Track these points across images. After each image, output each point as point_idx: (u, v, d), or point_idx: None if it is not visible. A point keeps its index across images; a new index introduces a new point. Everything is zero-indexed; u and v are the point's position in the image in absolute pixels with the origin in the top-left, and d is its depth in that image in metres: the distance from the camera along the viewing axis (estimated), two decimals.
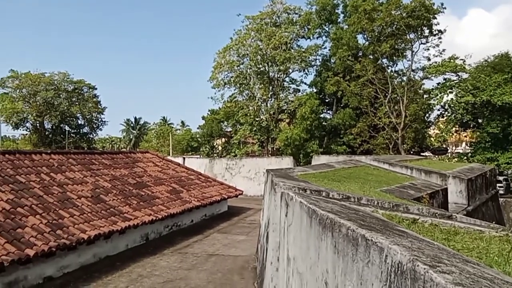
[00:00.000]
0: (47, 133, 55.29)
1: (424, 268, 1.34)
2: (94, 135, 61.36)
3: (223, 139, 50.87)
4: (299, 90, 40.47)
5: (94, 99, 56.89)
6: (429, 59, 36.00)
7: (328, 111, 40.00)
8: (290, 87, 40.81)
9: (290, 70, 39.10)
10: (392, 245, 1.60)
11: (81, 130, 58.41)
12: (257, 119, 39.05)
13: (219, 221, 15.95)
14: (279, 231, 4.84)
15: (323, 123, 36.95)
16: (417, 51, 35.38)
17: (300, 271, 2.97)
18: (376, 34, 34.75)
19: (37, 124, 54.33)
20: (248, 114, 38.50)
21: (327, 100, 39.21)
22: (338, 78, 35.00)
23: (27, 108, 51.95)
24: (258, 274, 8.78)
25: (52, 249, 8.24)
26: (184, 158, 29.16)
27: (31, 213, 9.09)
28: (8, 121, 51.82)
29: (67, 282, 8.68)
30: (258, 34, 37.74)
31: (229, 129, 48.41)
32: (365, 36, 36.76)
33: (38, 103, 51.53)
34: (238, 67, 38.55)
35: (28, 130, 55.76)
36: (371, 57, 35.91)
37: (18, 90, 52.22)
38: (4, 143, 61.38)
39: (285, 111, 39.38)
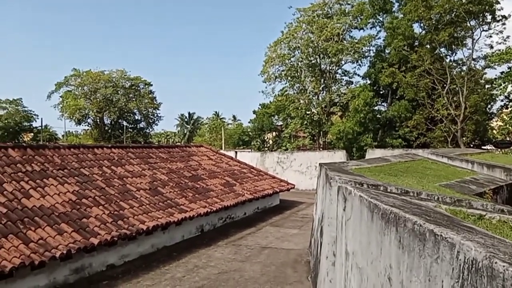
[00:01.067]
0: (106, 128, 57.97)
1: (503, 266, 1.27)
2: (150, 130, 63.56)
3: (274, 133, 50.92)
4: (352, 82, 39.63)
5: (150, 95, 58.87)
6: (491, 47, 33.88)
7: (383, 103, 38.86)
8: (343, 79, 40.05)
9: (343, 62, 38.34)
10: (465, 241, 1.53)
11: (138, 125, 60.70)
12: (308, 112, 38.69)
13: (271, 215, 16.03)
14: (336, 226, 4.78)
15: (377, 115, 35.94)
16: (478, 39, 33.41)
17: (360, 266, 2.92)
18: (434, 22, 33.20)
19: (98, 120, 57.08)
20: (299, 108, 38.23)
21: (381, 92, 38.08)
22: (393, 69, 33.87)
23: (88, 105, 54.65)
24: (312, 268, 8.74)
25: (114, 238, 8.66)
26: (236, 152, 29.52)
27: (94, 204, 9.59)
28: (71, 117, 54.84)
29: (128, 270, 9.09)
30: (310, 26, 37.28)
31: (280, 123, 48.33)
32: (421, 24, 35.22)
33: (98, 99, 54.08)
34: (289, 61, 38.32)
35: (89, 125, 58.73)
36: (428, 46, 34.36)
37: (80, 88, 55.07)
38: (68, 138, 65.14)
39: (337, 104, 38.71)
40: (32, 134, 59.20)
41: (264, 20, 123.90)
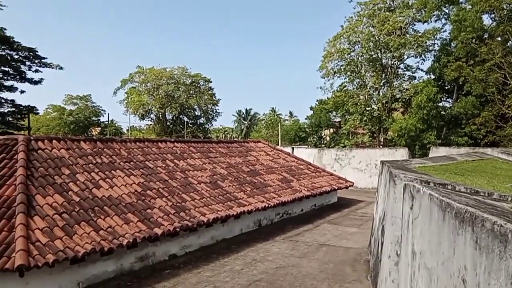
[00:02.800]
0: (168, 123, 60.11)
1: None
2: (209, 125, 65.14)
3: (331, 130, 50.17)
4: (414, 77, 38.03)
5: (210, 92, 60.27)
6: None
7: (448, 99, 36.98)
8: (405, 74, 38.53)
9: (405, 56, 36.88)
10: None
11: (197, 120, 62.43)
12: (368, 108, 37.67)
13: (329, 212, 15.85)
14: (401, 225, 4.64)
15: (442, 112, 34.26)
16: None
17: (429, 266, 2.82)
18: (506, 12, 31.05)
19: (160, 115, 59.34)
20: (359, 104, 37.33)
21: (446, 88, 36.23)
22: (460, 63, 32.08)
23: (151, 101, 56.93)
24: (372, 267, 8.55)
25: (176, 229, 8.97)
26: (292, 148, 29.47)
27: (158, 196, 9.99)
28: (135, 112, 57.46)
29: (189, 260, 9.39)
30: (371, 20, 36.23)
31: (338, 119, 47.51)
32: (492, 15, 33.08)
33: (160, 96, 56.17)
34: (349, 55, 37.48)
35: (152, 120, 61.25)
36: (499, 39, 32.18)
37: (143, 85, 57.50)
38: (132, 132, 68.29)
39: (399, 99, 37.35)
40: (99, 128, 62.72)
41: (323, 16, 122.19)
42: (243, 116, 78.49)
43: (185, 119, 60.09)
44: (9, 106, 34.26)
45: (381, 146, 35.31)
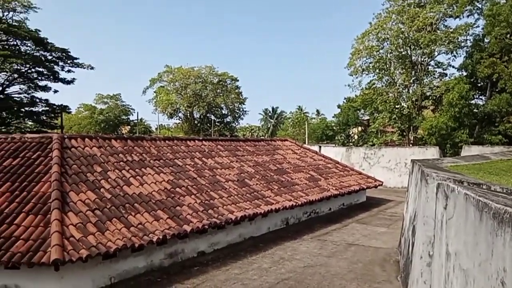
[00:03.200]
0: (195, 122, 60.76)
1: None
2: (236, 124, 65.47)
3: (359, 128, 49.54)
4: (446, 74, 37.06)
5: (236, 90, 60.57)
6: None
7: (480, 97, 35.90)
8: (436, 71, 37.59)
9: (436, 53, 35.97)
10: None
11: (224, 119, 62.84)
12: (397, 106, 36.99)
13: (357, 211, 15.67)
14: (433, 225, 4.54)
15: (474, 110, 33.29)
16: None
17: (465, 268, 2.75)
18: None
19: (188, 114, 60.04)
20: (388, 101, 36.67)
21: (479, 85, 35.15)
22: (493, 59, 31.06)
23: (179, 100, 57.67)
24: (402, 268, 8.41)
25: (205, 226, 9.07)
26: (320, 147, 29.25)
27: (187, 193, 10.11)
28: (164, 111, 58.34)
29: (217, 257, 9.47)
30: (400, 16, 35.51)
31: (366, 117, 46.86)
32: None
33: (188, 94, 56.82)
34: (378, 52, 36.86)
35: (180, 119, 62.03)
36: None
37: (172, 84, 58.30)
38: (160, 131, 69.33)
39: (430, 97, 36.50)
40: (129, 126, 63.99)
41: (351, 13, 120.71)
42: (269, 114, 78.43)
43: (212, 117, 60.59)
44: (43, 106, 35.46)
45: (410, 145, 34.62)
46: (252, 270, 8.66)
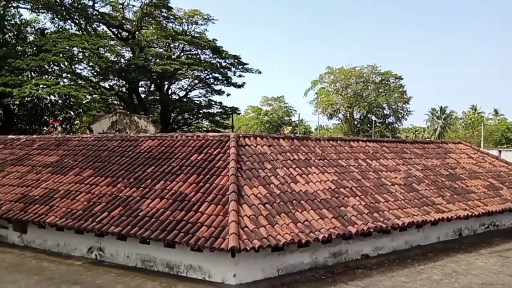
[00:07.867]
0: (355, 122, 59.94)
1: None
2: (399, 124, 62.47)
3: None
4: None
5: (400, 89, 57.81)
6: None
7: None
8: None
9: None
10: None
11: (386, 120, 60.52)
12: None
13: None
14: None
15: None
16: None
17: None
18: None
19: (348, 115, 59.62)
20: None
21: None
22: None
23: (340, 100, 57.69)
24: None
25: (370, 229, 8.88)
26: (499, 151, 25.91)
27: (351, 194, 10.05)
28: (324, 112, 59.12)
29: (382, 262, 9.18)
30: None
31: None
32: None
33: (349, 95, 56.49)
34: None
35: (339, 120, 62.00)
36: None
37: (332, 85, 58.68)
38: (320, 131, 70.33)
39: None
40: (290, 127, 66.60)
41: None
42: (437, 114, 72.45)
43: (373, 118, 58.90)
44: (217, 108, 39.50)
45: None
46: (420, 280, 8.16)
